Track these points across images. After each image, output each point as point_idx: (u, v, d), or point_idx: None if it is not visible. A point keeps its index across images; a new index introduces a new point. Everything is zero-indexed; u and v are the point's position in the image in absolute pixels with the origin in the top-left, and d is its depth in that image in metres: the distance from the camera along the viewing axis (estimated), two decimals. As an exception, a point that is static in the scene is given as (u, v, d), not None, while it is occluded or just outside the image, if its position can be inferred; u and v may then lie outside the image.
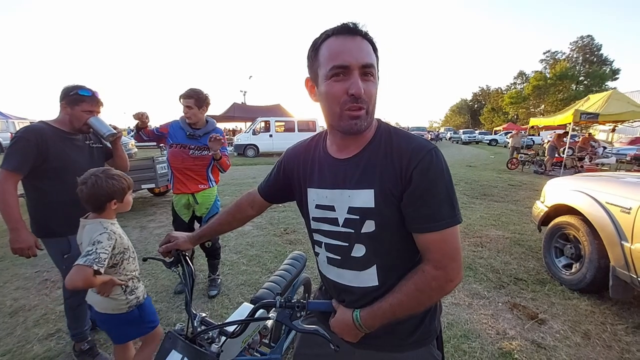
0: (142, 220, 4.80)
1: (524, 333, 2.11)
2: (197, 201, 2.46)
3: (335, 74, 0.69)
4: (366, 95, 0.69)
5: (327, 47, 0.71)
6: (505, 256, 3.34)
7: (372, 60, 0.70)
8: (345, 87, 0.68)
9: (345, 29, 0.70)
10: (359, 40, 0.70)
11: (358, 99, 0.68)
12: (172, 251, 1.04)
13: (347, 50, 0.68)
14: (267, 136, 15.27)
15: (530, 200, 5.56)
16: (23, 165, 1.58)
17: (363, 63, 0.68)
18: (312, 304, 0.83)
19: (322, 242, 0.87)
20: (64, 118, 1.73)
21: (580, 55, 37.91)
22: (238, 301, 2.48)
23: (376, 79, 0.73)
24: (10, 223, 1.60)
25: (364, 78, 0.69)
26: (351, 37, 0.70)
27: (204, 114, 2.38)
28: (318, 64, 0.73)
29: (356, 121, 0.71)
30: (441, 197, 0.71)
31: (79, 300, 1.79)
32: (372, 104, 0.72)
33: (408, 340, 0.83)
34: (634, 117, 9.49)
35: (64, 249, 1.72)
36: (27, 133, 1.61)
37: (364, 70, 0.69)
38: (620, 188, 2.36)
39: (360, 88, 0.67)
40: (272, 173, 1.01)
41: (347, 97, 0.69)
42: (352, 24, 0.70)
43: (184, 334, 0.91)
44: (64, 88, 1.74)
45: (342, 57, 0.68)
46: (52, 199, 1.66)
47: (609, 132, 15.55)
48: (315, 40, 0.74)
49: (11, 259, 3.35)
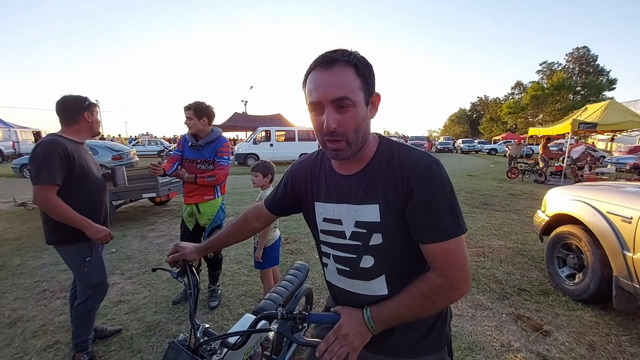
0: (143, 229, 4.78)
1: (529, 345, 2.08)
2: (200, 210, 2.49)
3: (312, 109, 0.73)
4: (341, 128, 0.70)
5: (308, 82, 0.73)
6: (507, 266, 3.32)
7: (345, 91, 0.69)
8: (321, 121, 0.71)
9: (320, 62, 0.71)
10: (335, 72, 0.69)
11: (331, 133, 0.71)
12: (179, 261, 1.05)
13: (318, 86, 0.70)
14: (268, 145, 15.35)
15: (531, 210, 5.56)
16: (59, 177, 1.65)
17: (332, 99, 0.69)
18: (313, 316, 0.83)
19: (330, 253, 0.89)
20: (82, 126, 1.83)
21: (576, 66, 38.47)
22: (239, 312, 2.45)
23: (357, 105, 0.71)
24: (79, 224, 1.71)
25: (339, 110, 0.70)
26: (326, 70, 0.70)
27: (205, 124, 2.43)
28: (305, 96, 0.76)
29: (337, 152, 0.74)
30: (443, 209, 0.72)
31: (94, 305, 1.90)
32: (352, 132, 0.72)
33: (421, 345, 0.84)
34: (632, 126, 9.57)
35: (86, 253, 1.81)
36: (54, 147, 1.66)
37: (336, 103, 0.69)
38: (621, 197, 2.36)
39: (330, 124, 0.69)
40: (279, 187, 1.03)
41: (324, 130, 0.71)
42: (329, 54, 0.70)
43: (187, 344, 0.90)
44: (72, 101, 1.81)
45: (315, 94, 0.71)
46: (74, 206, 1.70)
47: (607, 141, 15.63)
48: (306, 71, 0.75)
49: (10, 269, 3.34)
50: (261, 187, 2.34)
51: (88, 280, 1.83)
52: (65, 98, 1.80)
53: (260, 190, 2.35)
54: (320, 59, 0.71)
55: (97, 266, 1.85)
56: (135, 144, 22.15)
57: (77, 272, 1.85)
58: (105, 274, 1.91)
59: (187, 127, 2.41)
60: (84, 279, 1.83)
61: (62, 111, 1.79)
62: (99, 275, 1.86)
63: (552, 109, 34.99)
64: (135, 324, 2.31)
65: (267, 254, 2.28)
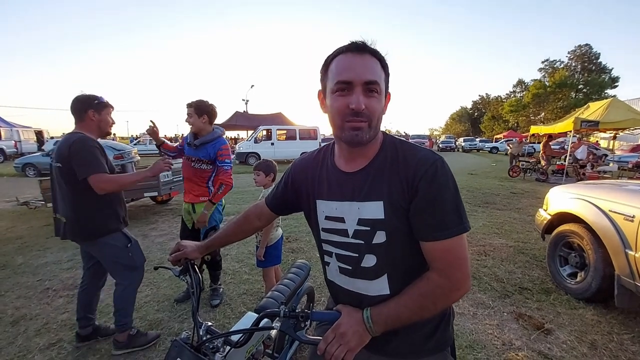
0: (144, 228, 4.80)
1: (530, 344, 2.08)
2: (195, 210, 2.49)
3: (339, 88, 0.73)
4: (368, 110, 0.72)
5: (335, 63, 0.75)
6: (509, 265, 3.31)
7: (376, 77, 0.73)
8: (348, 102, 0.71)
9: (353, 47, 0.73)
10: (366, 58, 0.73)
11: (359, 113, 0.71)
12: (181, 260, 1.05)
13: (351, 67, 0.72)
14: (269, 144, 15.37)
15: (532, 208, 5.55)
16: (104, 166, 1.82)
17: (365, 80, 0.71)
18: (315, 314, 0.83)
19: (332, 252, 0.88)
20: (91, 125, 1.89)
21: (578, 64, 38.29)
22: (240, 311, 2.46)
23: (381, 94, 0.75)
24: (137, 177, 1.96)
25: (368, 94, 0.72)
26: (359, 54, 0.73)
27: (205, 122, 2.43)
28: (327, 78, 0.77)
29: (357, 132, 0.73)
30: (447, 207, 0.73)
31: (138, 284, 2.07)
32: (376, 118, 0.74)
33: (425, 346, 0.84)
34: (634, 124, 9.54)
35: (125, 241, 1.96)
36: (92, 142, 1.82)
37: (366, 86, 0.71)
38: (623, 196, 2.36)
39: (360, 103, 0.70)
40: (279, 186, 1.03)
41: (348, 111, 0.72)
42: (361, 42, 0.73)
43: (190, 342, 0.90)
44: (80, 99, 1.86)
45: (346, 74, 0.72)
46: (105, 199, 1.85)
47: (610, 139, 15.57)
48: (327, 57, 0.78)
49: (12, 268, 3.36)
50: (263, 186, 2.34)
51: (134, 263, 1.99)
52: (77, 96, 1.87)
53: (263, 189, 2.35)
54: (351, 44, 0.73)
55: (138, 249, 2.03)
56: (137, 143, 22.19)
57: (120, 259, 1.95)
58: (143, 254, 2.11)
59: (188, 125, 2.43)
60: (130, 263, 1.96)
61: (71, 108, 1.87)
62: (141, 257, 2.06)
63: (554, 107, 34.86)
64: (137, 323, 2.32)
65: (269, 253, 2.29)
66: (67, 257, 3.62)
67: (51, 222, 5.50)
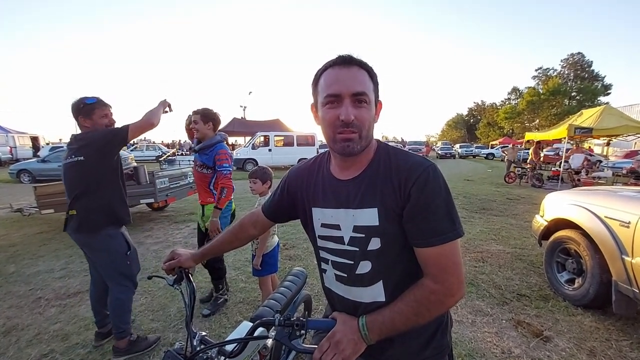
0: (139, 236, 4.74)
1: (530, 352, 2.07)
2: (204, 213, 2.57)
3: (329, 101, 0.75)
4: (358, 120, 0.73)
5: (324, 77, 0.77)
6: (507, 271, 3.31)
7: (364, 88, 0.74)
8: (337, 114, 0.73)
9: (340, 61, 0.75)
10: (353, 70, 0.75)
11: (349, 124, 0.73)
12: (175, 269, 1.04)
13: (339, 80, 0.74)
14: (267, 150, 15.39)
15: (529, 214, 5.56)
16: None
17: (353, 91, 0.73)
18: (311, 322, 0.82)
19: (328, 259, 0.89)
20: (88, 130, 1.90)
21: (571, 72, 38.92)
22: (236, 320, 2.42)
23: (371, 104, 0.76)
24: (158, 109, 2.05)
25: (356, 105, 0.74)
26: (346, 67, 0.75)
27: (210, 129, 2.53)
28: (317, 92, 0.79)
29: (349, 143, 0.75)
30: (439, 213, 0.73)
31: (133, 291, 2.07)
32: (366, 128, 0.76)
33: (422, 354, 0.83)
34: (627, 131, 9.66)
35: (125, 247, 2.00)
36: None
37: (355, 97, 0.73)
38: (618, 202, 2.37)
39: (350, 114, 0.72)
40: (275, 193, 1.03)
41: (339, 122, 0.73)
42: (347, 55, 0.75)
43: (183, 353, 0.89)
44: (71, 107, 1.87)
45: (335, 87, 0.74)
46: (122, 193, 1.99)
47: (604, 145, 15.76)
48: (317, 71, 0.80)
49: (4, 277, 3.30)
50: (260, 194, 2.31)
51: (130, 272, 2.00)
52: (71, 103, 1.87)
53: (259, 197, 2.33)
54: (339, 58, 0.76)
55: (135, 257, 2.07)
56: (134, 149, 22.12)
57: (116, 264, 1.95)
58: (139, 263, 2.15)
59: (194, 131, 2.52)
60: (125, 271, 1.98)
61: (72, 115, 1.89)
62: (137, 265, 2.09)
63: (548, 114, 35.28)
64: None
65: (266, 262, 2.26)
66: (59, 266, 3.56)
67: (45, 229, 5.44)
